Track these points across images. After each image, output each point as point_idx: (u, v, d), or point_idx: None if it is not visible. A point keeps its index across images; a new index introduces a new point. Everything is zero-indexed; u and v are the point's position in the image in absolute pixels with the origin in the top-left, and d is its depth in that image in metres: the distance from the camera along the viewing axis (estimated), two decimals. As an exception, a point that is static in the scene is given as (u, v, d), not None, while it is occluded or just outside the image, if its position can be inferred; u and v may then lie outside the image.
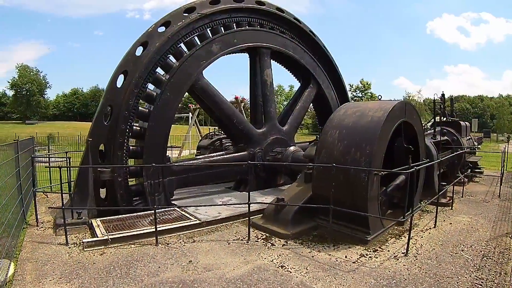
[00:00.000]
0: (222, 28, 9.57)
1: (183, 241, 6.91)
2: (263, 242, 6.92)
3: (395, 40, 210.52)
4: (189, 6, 8.99)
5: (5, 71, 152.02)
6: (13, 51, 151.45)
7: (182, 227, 7.38)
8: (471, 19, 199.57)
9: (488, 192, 11.77)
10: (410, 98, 64.75)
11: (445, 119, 13.27)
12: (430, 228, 7.85)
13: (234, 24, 9.79)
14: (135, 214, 7.89)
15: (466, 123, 14.33)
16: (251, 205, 6.97)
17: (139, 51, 8.43)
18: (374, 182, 6.85)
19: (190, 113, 19.65)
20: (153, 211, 7.98)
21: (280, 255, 6.19)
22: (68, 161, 8.79)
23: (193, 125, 19.77)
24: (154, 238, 6.66)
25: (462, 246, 6.61)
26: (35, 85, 79.59)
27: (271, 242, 6.92)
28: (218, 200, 8.93)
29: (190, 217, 7.85)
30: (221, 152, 9.85)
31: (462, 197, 10.95)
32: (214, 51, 9.09)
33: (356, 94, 73.19)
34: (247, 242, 6.90)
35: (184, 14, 8.85)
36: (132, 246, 6.58)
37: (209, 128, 19.64)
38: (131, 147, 8.33)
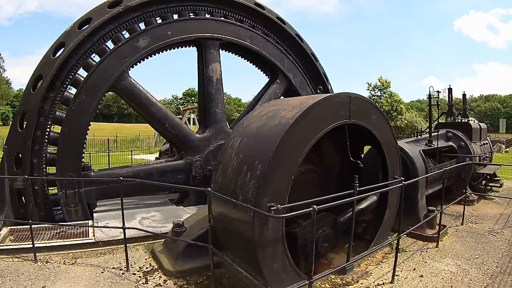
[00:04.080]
0: (159, 20, 7.68)
1: (64, 261, 5.61)
2: (140, 276, 5.15)
3: (423, 39, 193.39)
4: (115, -1, 7.29)
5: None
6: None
7: (74, 245, 6.03)
8: (500, 16, 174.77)
9: (501, 216, 7.99)
10: (434, 97, 53.11)
11: (451, 119, 9.31)
12: (384, 283, 4.99)
13: (175, 15, 7.80)
14: (47, 225, 6.68)
15: (481, 124, 9.98)
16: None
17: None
18: (269, 220, 4.33)
19: (187, 114, 17.79)
20: (68, 223, 6.96)
21: (136, 302, 4.38)
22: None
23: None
24: (40, 253, 5.71)
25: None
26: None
27: (149, 278, 5.09)
28: (142, 215, 7.17)
29: (90, 234, 6.36)
30: (158, 160, 8.06)
31: (462, 224, 7.46)
32: (141, 47, 7.23)
33: (375, 92, 62.10)
34: (123, 273, 5.20)
35: (108, 9, 7.19)
36: (15, 260, 5.62)
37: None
38: (48, 154, 7.12)
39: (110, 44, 7.39)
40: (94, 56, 7.29)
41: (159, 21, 7.65)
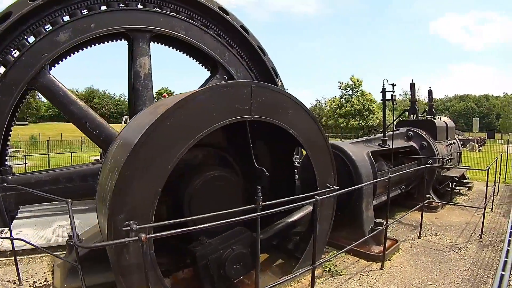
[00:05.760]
0: (86, 12, 7.07)
1: (-41, 274, 5.17)
2: (28, 294, 4.63)
3: (399, 40, 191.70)
4: (37, -9, 6.71)
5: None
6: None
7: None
8: (476, 18, 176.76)
9: (467, 225, 6.87)
10: (407, 97, 50.79)
11: (414, 116, 8.25)
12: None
13: (103, 6, 7.15)
14: None
15: (447, 121, 8.75)
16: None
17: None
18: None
19: None
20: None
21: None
22: None
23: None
24: None
25: None
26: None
27: (37, 296, 4.58)
28: (60, 222, 6.65)
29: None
30: (85, 163, 7.49)
31: (419, 237, 6.37)
32: (60, 41, 6.64)
33: (346, 91, 59.16)
34: (14, 289, 4.67)
35: (30, 2, 6.65)
36: None
37: None
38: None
39: (32, 39, 6.87)
40: (14, 52, 6.81)
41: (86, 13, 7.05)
